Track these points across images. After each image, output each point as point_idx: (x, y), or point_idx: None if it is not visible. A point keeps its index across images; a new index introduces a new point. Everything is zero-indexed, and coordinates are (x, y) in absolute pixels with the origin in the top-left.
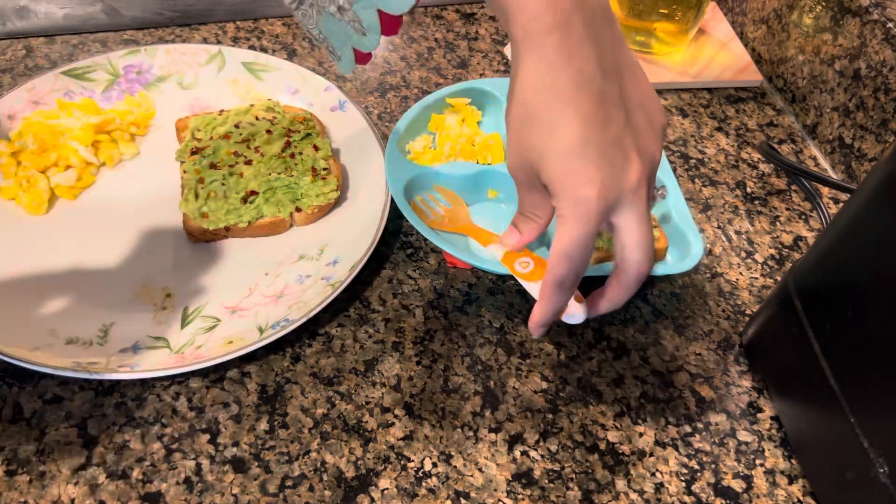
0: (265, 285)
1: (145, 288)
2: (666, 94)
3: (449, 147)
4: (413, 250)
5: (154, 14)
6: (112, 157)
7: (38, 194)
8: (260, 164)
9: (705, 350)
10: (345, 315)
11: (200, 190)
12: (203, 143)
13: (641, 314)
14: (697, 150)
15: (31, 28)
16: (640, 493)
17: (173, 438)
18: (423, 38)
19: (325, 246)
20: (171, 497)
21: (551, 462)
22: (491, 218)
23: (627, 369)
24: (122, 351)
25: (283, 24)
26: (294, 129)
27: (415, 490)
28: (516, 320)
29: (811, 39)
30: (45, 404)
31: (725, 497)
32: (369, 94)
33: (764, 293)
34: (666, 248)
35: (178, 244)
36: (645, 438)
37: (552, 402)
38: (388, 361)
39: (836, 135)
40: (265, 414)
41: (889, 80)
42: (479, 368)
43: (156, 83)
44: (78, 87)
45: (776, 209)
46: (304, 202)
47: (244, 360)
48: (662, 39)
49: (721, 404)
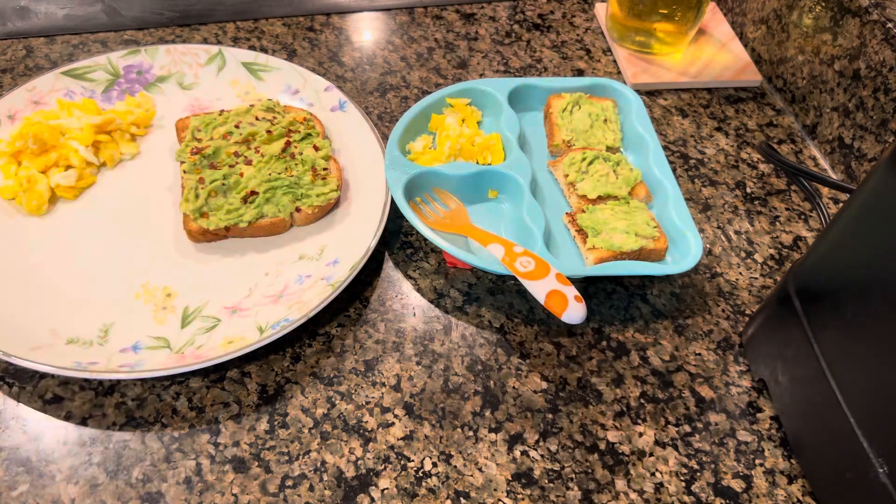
0: (265, 285)
1: (145, 288)
2: (666, 94)
3: (449, 147)
4: (413, 250)
5: (154, 14)
6: (112, 157)
7: (38, 194)
8: (260, 164)
9: (705, 350)
10: (345, 315)
11: (200, 190)
12: (203, 143)
13: (641, 314)
14: (697, 150)
15: (31, 28)
16: (640, 492)
17: (173, 438)
18: (423, 38)
19: (325, 246)
20: (171, 497)
21: (551, 462)
22: (491, 218)
23: (627, 369)
24: (122, 351)
25: (283, 24)
26: (294, 130)
27: (415, 490)
28: (516, 320)
29: (811, 39)
30: (45, 404)
31: (725, 497)
32: (369, 94)
33: (764, 293)
34: (666, 248)
35: (178, 244)
36: (645, 438)
37: (552, 402)
38: (388, 361)
39: (836, 135)
40: (265, 414)
41: (889, 80)
42: (479, 368)
43: (156, 83)
44: (78, 87)
45: (776, 209)
46: (304, 202)
47: (244, 360)
48: (662, 39)
49: (721, 404)
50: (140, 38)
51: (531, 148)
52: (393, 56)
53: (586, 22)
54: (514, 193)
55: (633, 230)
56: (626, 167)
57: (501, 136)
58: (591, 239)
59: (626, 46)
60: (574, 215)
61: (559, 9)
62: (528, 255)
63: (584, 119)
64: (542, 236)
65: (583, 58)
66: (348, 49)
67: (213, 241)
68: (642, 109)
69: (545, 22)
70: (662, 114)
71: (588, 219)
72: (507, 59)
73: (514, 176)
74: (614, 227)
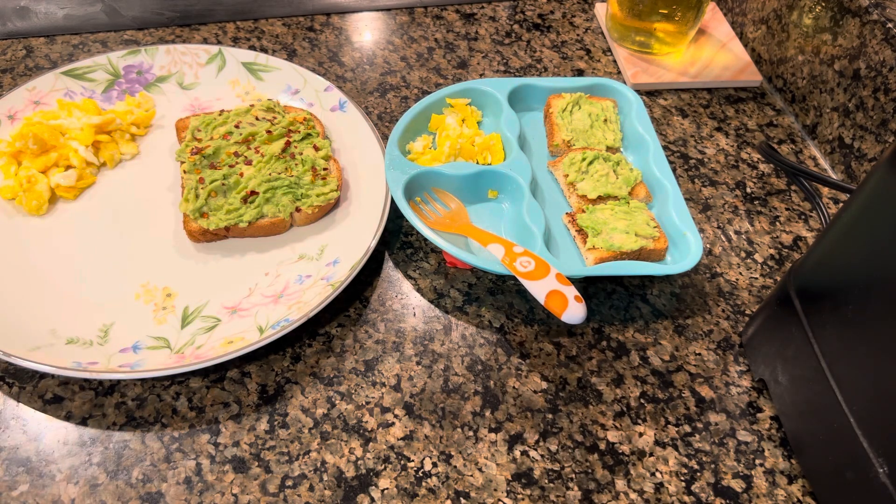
0: (265, 285)
1: (145, 288)
2: (666, 94)
3: (449, 147)
4: (413, 250)
5: (154, 14)
6: (112, 157)
7: (38, 194)
8: (260, 164)
9: (705, 350)
10: (345, 315)
11: (200, 190)
12: (203, 143)
13: (641, 314)
14: (697, 151)
15: (31, 28)
16: (640, 492)
17: (173, 438)
18: (423, 38)
19: (325, 246)
20: (171, 497)
21: (551, 462)
22: (491, 218)
23: (627, 369)
24: (122, 351)
25: (283, 24)
26: (294, 130)
27: (415, 490)
28: (516, 320)
29: (811, 39)
30: (45, 404)
31: (725, 497)
32: (369, 94)
33: (764, 293)
34: (666, 248)
35: (178, 244)
36: (645, 438)
37: (552, 402)
38: (388, 361)
39: (836, 135)
40: (265, 414)
41: (889, 80)
42: (479, 368)
43: (156, 83)
44: (78, 87)
45: (776, 209)
46: (304, 202)
47: (244, 360)
48: (662, 39)
49: (721, 404)
50: (140, 38)
51: (531, 148)
52: (393, 56)
53: (586, 22)
54: (514, 193)
55: (633, 230)
56: (626, 167)
57: (501, 136)
58: (591, 239)
59: (626, 46)
60: (574, 215)
61: (559, 9)
62: (528, 255)
63: (584, 119)
64: (542, 236)
65: (583, 58)
66: (348, 49)
67: (213, 241)
68: (642, 109)
69: (545, 22)
70: (662, 114)
71: (588, 219)
72: (507, 59)
73: (514, 176)
74: (614, 227)
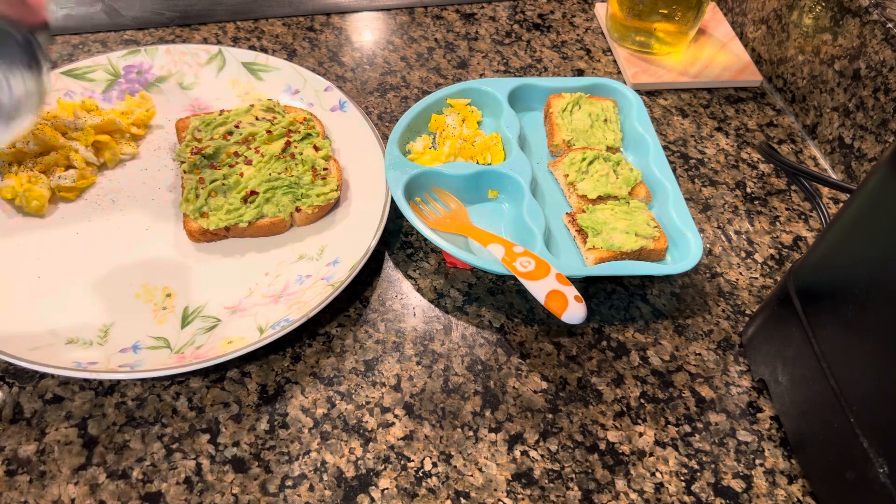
0: (265, 285)
1: (145, 288)
2: (666, 94)
3: (449, 147)
4: (413, 250)
5: (154, 14)
6: (112, 157)
7: (38, 194)
8: (260, 164)
9: (705, 350)
10: (345, 315)
11: (200, 190)
12: (203, 143)
13: (641, 314)
14: (697, 150)
15: None
16: (640, 492)
17: (173, 438)
18: (424, 38)
19: (325, 246)
20: (171, 497)
21: (551, 462)
22: (491, 218)
23: (627, 369)
24: (122, 351)
25: (283, 24)
26: (294, 130)
27: (415, 490)
28: (516, 320)
29: (811, 39)
30: (45, 404)
31: (725, 497)
32: (369, 94)
33: (764, 293)
34: (666, 248)
35: (178, 244)
36: (645, 438)
37: (552, 402)
38: (388, 361)
39: (836, 135)
40: (265, 414)
41: (889, 80)
42: (479, 368)
43: (156, 83)
44: (78, 87)
45: (776, 209)
46: (304, 202)
47: (244, 360)
48: (662, 39)
49: (721, 404)
50: (140, 38)
51: (531, 148)
52: (393, 56)
53: (586, 22)
54: (514, 193)
55: (633, 230)
56: (626, 167)
57: (501, 136)
58: (591, 239)
59: (626, 46)
60: (574, 215)
61: (559, 9)
62: (528, 255)
63: (585, 119)
64: (542, 236)
65: (583, 58)
66: (348, 49)
67: (213, 241)
68: (642, 109)
69: (545, 22)
70: (662, 114)
71: (588, 219)
72: (507, 59)
73: (514, 176)
74: (614, 227)
